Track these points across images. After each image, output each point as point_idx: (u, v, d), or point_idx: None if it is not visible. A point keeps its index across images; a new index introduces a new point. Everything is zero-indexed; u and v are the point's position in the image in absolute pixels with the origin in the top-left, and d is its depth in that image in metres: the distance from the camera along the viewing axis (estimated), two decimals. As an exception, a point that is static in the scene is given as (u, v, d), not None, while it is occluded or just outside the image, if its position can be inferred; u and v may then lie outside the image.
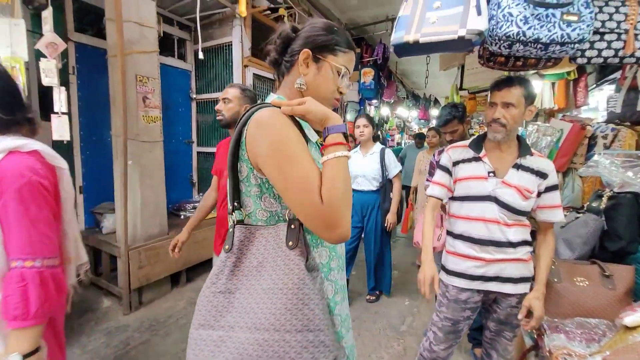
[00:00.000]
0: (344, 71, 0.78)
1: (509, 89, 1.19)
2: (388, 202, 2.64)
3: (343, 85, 0.80)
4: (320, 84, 0.77)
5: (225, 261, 0.69)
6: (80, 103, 2.80)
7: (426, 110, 7.40)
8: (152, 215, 2.64)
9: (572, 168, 2.42)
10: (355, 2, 4.19)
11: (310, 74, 0.77)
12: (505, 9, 1.06)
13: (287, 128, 0.67)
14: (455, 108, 2.11)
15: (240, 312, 0.65)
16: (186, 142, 3.84)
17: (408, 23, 1.19)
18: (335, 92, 0.80)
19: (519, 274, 1.31)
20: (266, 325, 0.62)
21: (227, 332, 0.64)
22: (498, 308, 1.36)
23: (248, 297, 0.66)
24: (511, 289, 1.31)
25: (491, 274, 1.31)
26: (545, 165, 1.28)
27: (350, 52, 0.80)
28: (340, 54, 0.78)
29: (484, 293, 1.35)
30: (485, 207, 1.29)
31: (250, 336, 0.62)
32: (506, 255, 1.29)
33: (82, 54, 2.78)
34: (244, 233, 0.70)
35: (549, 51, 1.07)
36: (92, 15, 2.89)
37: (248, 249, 0.69)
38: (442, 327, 1.42)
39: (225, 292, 0.68)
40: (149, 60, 2.51)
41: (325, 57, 0.76)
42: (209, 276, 0.70)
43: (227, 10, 3.24)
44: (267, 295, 0.64)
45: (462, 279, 1.35)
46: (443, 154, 1.48)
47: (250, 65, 3.41)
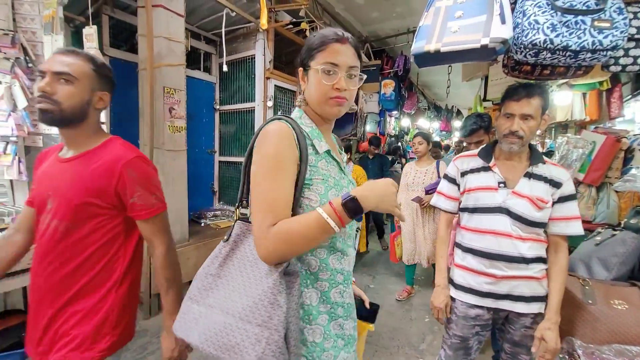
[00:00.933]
0: (326, 67, 0.76)
1: (528, 100, 1.13)
2: None
3: (336, 82, 0.77)
4: (312, 91, 0.80)
5: (221, 249, 0.78)
6: (112, 114, 2.96)
7: (448, 122, 7.27)
8: (174, 222, 2.71)
9: (606, 182, 2.28)
10: (376, 15, 4.23)
11: (306, 87, 0.83)
12: (531, 16, 1.03)
13: (283, 145, 0.72)
14: (480, 118, 2.04)
15: (221, 295, 0.74)
16: (209, 152, 3.95)
17: (429, 32, 1.18)
18: (330, 92, 0.77)
19: (531, 292, 1.22)
20: (234, 313, 0.70)
21: (206, 310, 0.74)
22: (511, 328, 1.28)
23: (230, 285, 0.74)
24: (524, 309, 1.22)
25: (502, 291, 1.23)
26: (559, 174, 1.21)
27: (330, 45, 0.77)
28: (317, 55, 0.78)
29: (494, 311, 1.27)
30: (497, 220, 1.22)
31: (221, 318, 0.71)
32: (518, 272, 1.20)
33: (115, 67, 2.91)
34: (242, 229, 0.78)
35: (579, 59, 1.02)
36: (126, 31, 3.08)
37: (242, 243, 0.77)
38: (451, 345, 1.35)
39: (214, 275, 0.77)
40: (176, 73, 2.62)
41: (309, 66, 0.80)
42: (208, 258, 0.80)
43: (251, 25, 3.36)
44: (243, 288, 0.72)
45: (471, 295, 1.28)
46: (450, 163, 1.43)
47: (272, 77, 3.49)
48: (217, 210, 3.66)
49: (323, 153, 0.80)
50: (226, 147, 3.99)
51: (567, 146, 2.46)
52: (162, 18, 2.47)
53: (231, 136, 3.92)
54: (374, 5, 3.98)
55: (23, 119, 1.96)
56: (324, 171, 0.78)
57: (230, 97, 3.85)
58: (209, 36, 3.68)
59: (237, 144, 3.84)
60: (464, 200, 1.34)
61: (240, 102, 3.73)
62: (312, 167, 0.76)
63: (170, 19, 2.53)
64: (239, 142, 3.83)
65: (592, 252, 1.55)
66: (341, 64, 0.77)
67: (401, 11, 4.09)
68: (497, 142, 1.31)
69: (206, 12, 3.19)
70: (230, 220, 3.60)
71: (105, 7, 2.76)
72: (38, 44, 2.06)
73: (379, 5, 3.96)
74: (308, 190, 0.75)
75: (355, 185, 0.87)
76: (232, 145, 3.91)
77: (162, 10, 2.46)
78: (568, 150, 2.44)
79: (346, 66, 0.77)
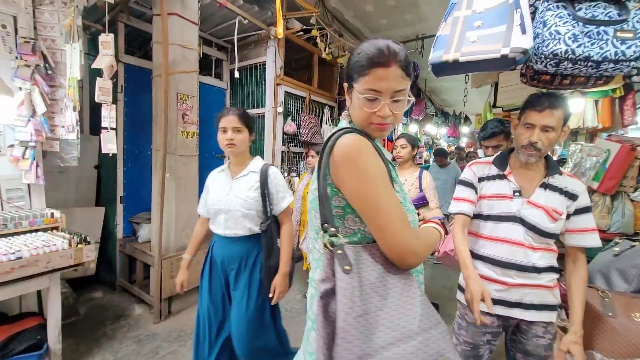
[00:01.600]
0: (368, 96, 0.73)
1: (551, 111, 1.10)
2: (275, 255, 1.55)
3: (378, 109, 0.74)
4: (354, 114, 0.80)
5: (351, 282, 0.68)
6: (126, 119, 3.00)
7: (456, 128, 7.24)
8: (185, 226, 2.72)
9: (621, 191, 2.25)
10: (385, 22, 4.26)
11: (351, 105, 0.81)
12: (552, 27, 1.04)
13: (372, 158, 0.72)
14: (502, 123, 2.01)
15: (383, 330, 0.65)
16: (218, 157, 3.98)
17: (447, 42, 1.19)
18: (372, 117, 0.75)
19: (540, 301, 1.21)
20: (415, 331, 0.65)
21: (382, 354, 0.62)
22: (522, 338, 1.26)
23: (381, 314, 0.67)
24: (535, 317, 1.21)
25: (513, 299, 1.22)
26: (575, 186, 1.20)
27: (374, 70, 0.72)
28: (361, 80, 0.74)
29: (504, 318, 1.26)
30: (510, 228, 1.22)
31: (408, 346, 0.63)
32: (529, 281, 1.20)
33: (129, 74, 3.00)
34: (355, 252, 0.72)
35: (601, 69, 1.02)
36: (141, 39, 3.13)
37: (363, 267, 0.71)
38: (461, 352, 1.34)
39: (363, 314, 0.66)
40: (189, 80, 2.66)
41: (352, 87, 0.78)
42: (340, 301, 0.67)
43: (263, 32, 3.40)
44: (402, 308, 0.68)
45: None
46: (466, 169, 1.41)
47: (282, 84, 3.52)
48: (226, 215, 3.68)
49: (389, 161, 0.82)
50: (236, 152, 4.01)
51: (581, 154, 2.43)
52: (176, 26, 2.51)
53: (241, 141, 3.94)
54: (382, 13, 4.01)
55: (41, 125, 2.00)
56: (397, 179, 0.84)
57: (240, 103, 3.89)
58: (220, 43, 3.73)
59: (247, 149, 3.87)
60: (477, 207, 1.33)
61: (250, 108, 3.76)
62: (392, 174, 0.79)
63: (185, 26, 2.57)
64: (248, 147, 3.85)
65: (610, 263, 1.53)
66: (385, 90, 0.73)
67: (410, 18, 4.11)
68: (512, 150, 1.31)
69: (219, 20, 3.24)
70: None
71: (121, 15, 2.81)
72: (57, 51, 2.11)
73: (388, 12, 3.98)
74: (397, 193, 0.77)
75: (403, 192, 0.86)
76: (242, 150, 3.94)
77: (176, 18, 2.50)
78: (582, 158, 2.41)
79: (390, 92, 0.73)
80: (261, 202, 1.49)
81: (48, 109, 2.03)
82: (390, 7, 3.84)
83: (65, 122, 2.11)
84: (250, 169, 1.55)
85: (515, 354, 1.32)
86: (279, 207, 1.54)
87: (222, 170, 1.65)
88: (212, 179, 1.66)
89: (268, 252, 1.49)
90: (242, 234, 1.50)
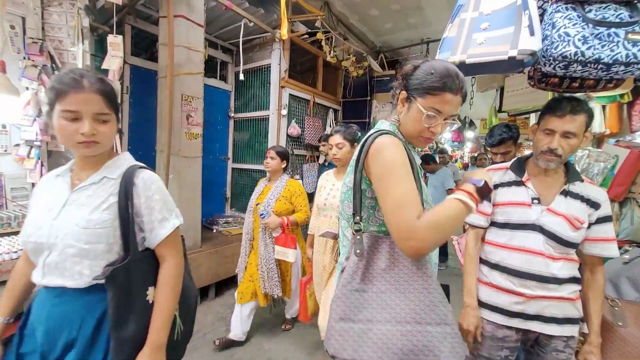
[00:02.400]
0: (431, 113, 0.83)
1: (573, 117, 1.07)
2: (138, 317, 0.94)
3: (433, 126, 0.85)
4: (407, 122, 0.89)
5: (358, 264, 0.81)
6: (131, 120, 3.02)
7: (460, 132, 7.21)
8: (188, 228, 2.72)
9: (630, 198, 2.20)
10: (390, 26, 4.26)
11: (403, 112, 0.90)
12: (561, 29, 1.02)
13: (399, 152, 0.81)
14: (509, 128, 1.97)
15: (376, 308, 0.78)
16: (222, 159, 3.99)
17: (453, 44, 1.17)
18: (424, 132, 0.86)
19: (563, 314, 1.15)
20: (408, 319, 0.75)
21: (367, 325, 0.77)
22: (541, 351, 1.20)
23: (382, 296, 0.79)
24: (556, 331, 1.15)
25: (532, 312, 1.16)
26: (597, 194, 1.15)
27: (444, 94, 0.82)
28: (429, 97, 0.83)
29: (523, 332, 1.20)
30: (529, 237, 1.17)
31: (393, 328, 0.75)
32: (549, 292, 1.14)
33: (135, 75, 3.02)
34: (371, 240, 0.83)
35: (612, 72, 1.00)
36: (147, 40, 3.16)
37: (375, 253, 0.82)
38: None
39: (359, 290, 0.80)
40: (194, 81, 2.67)
41: (415, 99, 0.85)
42: (343, 276, 0.83)
43: (268, 35, 3.42)
44: (404, 295, 0.78)
45: (499, 315, 1.21)
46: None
47: (287, 86, 3.52)
48: (229, 217, 3.68)
49: (417, 166, 0.89)
50: (239, 154, 4.03)
51: (588, 160, 2.40)
52: (182, 28, 2.52)
53: (245, 143, 3.96)
54: (387, 17, 4.02)
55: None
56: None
57: (245, 105, 3.90)
58: (225, 45, 3.76)
59: (251, 151, 3.87)
60: (493, 215, 1.28)
61: (254, 110, 3.77)
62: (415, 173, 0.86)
63: (191, 29, 2.59)
64: (252, 149, 3.86)
65: (620, 271, 1.49)
66: (445, 112, 0.84)
67: (414, 22, 4.11)
68: (530, 156, 1.26)
69: (224, 23, 3.26)
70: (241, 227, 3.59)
71: (128, 17, 2.84)
72: (64, 52, 2.13)
73: (393, 16, 3.99)
74: None
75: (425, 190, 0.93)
76: (246, 152, 3.95)
77: (182, 20, 2.52)
78: (589, 164, 2.38)
79: (448, 115, 0.84)
80: (118, 229, 0.89)
81: (54, 109, 2.04)
82: (395, 11, 3.85)
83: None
84: (105, 173, 0.93)
85: None
86: (156, 236, 0.94)
87: (58, 175, 0.96)
88: (41, 188, 0.97)
89: (118, 315, 0.87)
90: (73, 286, 0.86)
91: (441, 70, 0.82)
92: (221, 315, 2.70)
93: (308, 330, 2.52)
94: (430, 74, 0.83)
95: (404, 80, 0.89)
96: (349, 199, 0.91)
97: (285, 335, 2.49)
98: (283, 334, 2.51)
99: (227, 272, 3.05)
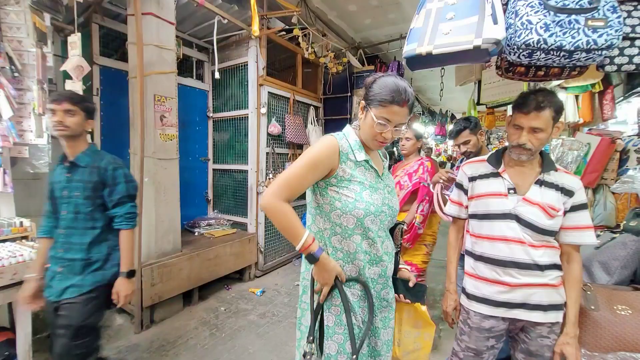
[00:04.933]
0: (381, 122, 0.97)
1: (537, 114, 1.09)
2: None
3: (384, 132, 0.98)
4: (364, 128, 1.03)
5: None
6: (102, 123, 2.91)
7: (443, 126, 7.29)
8: (166, 232, 2.64)
9: (602, 184, 2.26)
10: (369, 22, 4.25)
11: (362, 118, 1.04)
12: (524, 16, 1.02)
13: (323, 150, 0.98)
14: (466, 120, 2.05)
15: None
16: (202, 160, 3.91)
17: (420, 35, 1.16)
18: (377, 136, 0.99)
19: (548, 300, 1.17)
20: None
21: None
22: (527, 338, 1.22)
23: None
24: (541, 317, 1.17)
25: (517, 300, 1.18)
26: (571, 182, 1.18)
27: (392, 106, 0.95)
28: (380, 108, 0.96)
29: (510, 321, 1.22)
30: (507, 226, 1.19)
31: None
32: (533, 280, 1.16)
33: (105, 76, 2.91)
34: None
35: (574, 59, 1.00)
36: (118, 40, 3.05)
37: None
38: (463, 358, 1.30)
39: None
40: (167, 81, 2.59)
41: (370, 108, 0.99)
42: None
43: (244, 32, 3.35)
44: None
45: (485, 305, 1.23)
46: (458, 170, 1.41)
47: (265, 84, 3.47)
48: (211, 219, 3.60)
49: (362, 161, 1.03)
50: (220, 154, 3.95)
51: (562, 148, 2.45)
52: (152, 26, 2.44)
53: (225, 144, 3.88)
54: (366, 13, 4.00)
55: (9, 130, 1.91)
56: (360, 176, 1.02)
57: (223, 104, 3.82)
58: (201, 44, 3.67)
59: (231, 151, 3.80)
60: (473, 207, 1.31)
61: (233, 110, 3.70)
62: (349, 173, 1.00)
63: (161, 26, 2.51)
64: (232, 149, 3.79)
65: (592, 255, 1.52)
66: (394, 121, 0.97)
67: (393, 18, 4.11)
68: (507, 148, 1.28)
69: (197, 20, 3.18)
70: (225, 229, 3.54)
71: (95, 16, 2.73)
72: (24, 53, 2.02)
73: (372, 12, 3.97)
74: (346, 189, 0.99)
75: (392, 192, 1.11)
76: (226, 152, 3.87)
77: (152, 18, 2.44)
78: (563, 152, 2.43)
79: (397, 123, 0.98)
80: None
81: (15, 113, 1.93)
82: (373, 6, 3.83)
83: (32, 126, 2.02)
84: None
85: (516, 354, 1.28)
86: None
87: None
88: None
89: None
90: None
91: (391, 86, 0.95)
92: (204, 320, 2.64)
93: (293, 330, 2.47)
94: (381, 88, 0.96)
95: (365, 91, 1.02)
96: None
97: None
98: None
99: (210, 276, 2.99)
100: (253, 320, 2.66)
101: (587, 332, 1.26)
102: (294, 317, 2.71)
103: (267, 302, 3.00)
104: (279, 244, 3.88)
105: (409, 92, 0.96)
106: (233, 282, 3.40)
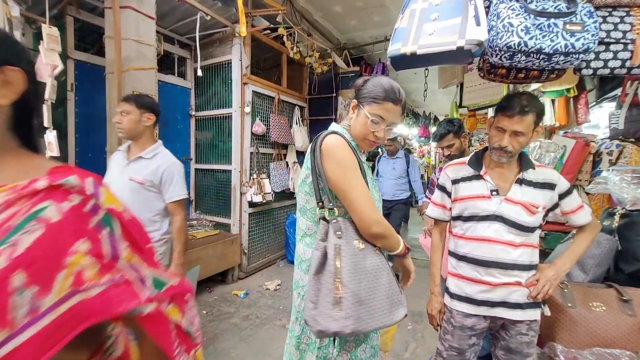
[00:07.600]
0: (375, 119, 0.97)
1: (521, 118, 1.11)
2: None
3: (377, 131, 0.99)
4: (356, 126, 1.03)
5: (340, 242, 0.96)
6: (77, 120, 2.78)
7: (426, 128, 7.43)
8: (145, 233, 2.55)
9: (577, 185, 2.35)
10: (354, 23, 4.27)
11: (354, 117, 1.04)
12: (505, 19, 1.03)
13: (345, 151, 0.96)
14: (450, 123, 2.08)
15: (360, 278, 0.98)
16: (184, 159, 3.80)
17: (405, 35, 1.16)
18: (369, 135, 1.00)
19: (525, 299, 1.21)
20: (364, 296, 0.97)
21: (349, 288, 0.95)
22: (506, 335, 1.25)
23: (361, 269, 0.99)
24: (520, 316, 1.21)
25: (497, 299, 1.21)
26: (550, 175, 1.23)
27: (386, 103, 0.97)
28: (374, 105, 0.97)
29: (491, 319, 1.25)
30: (491, 227, 1.21)
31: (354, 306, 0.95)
32: (512, 279, 1.19)
33: (81, 71, 2.79)
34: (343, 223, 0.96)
35: (553, 62, 1.03)
36: (94, 34, 2.92)
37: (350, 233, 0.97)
38: (447, 358, 1.31)
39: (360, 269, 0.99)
40: (146, 77, 2.50)
41: (363, 106, 1.00)
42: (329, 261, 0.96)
43: (227, 29, 3.29)
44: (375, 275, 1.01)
45: (467, 304, 1.26)
46: (441, 172, 1.42)
47: (250, 83, 3.42)
48: (193, 219, 3.51)
49: (364, 162, 1.05)
50: (203, 154, 3.86)
51: (540, 150, 2.52)
52: (131, 20, 2.35)
53: (208, 143, 3.79)
54: (352, 14, 4.02)
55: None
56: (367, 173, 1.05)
57: (206, 103, 3.74)
58: (183, 40, 3.58)
59: (214, 151, 3.72)
60: (456, 209, 1.32)
61: (217, 108, 3.62)
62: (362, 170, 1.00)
63: (140, 21, 2.42)
64: (216, 149, 3.71)
65: (568, 254, 1.56)
66: (387, 119, 0.98)
67: (379, 20, 4.14)
68: (487, 150, 1.30)
69: (180, 16, 3.09)
70: (208, 230, 3.46)
71: (69, 8, 2.61)
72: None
73: (357, 14, 3.99)
74: None
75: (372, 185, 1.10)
76: (209, 152, 3.79)
77: (131, 11, 2.34)
78: (541, 154, 2.50)
79: (390, 122, 0.99)
80: None
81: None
82: (359, 8, 3.85)
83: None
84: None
85: (496, 351, 1.31)
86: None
87: None
88: None
89: None
90: None
91: (385, 84, 0.98)
92: (185, 324, 2.57)
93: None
94: (375, 86, 0.98)
95: (355, 92, 1.04)
96: (304, 192, 1.03)
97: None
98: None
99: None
100: (236, 323, 2.60)
101: (563, 330, 1.30)
102: (279, 319, 2.67)
103: (250, 304, 2.95)
104: (263, 245, 3.82)
105: (402, 92, 0.99)
106: (215, 284, 3.33)
